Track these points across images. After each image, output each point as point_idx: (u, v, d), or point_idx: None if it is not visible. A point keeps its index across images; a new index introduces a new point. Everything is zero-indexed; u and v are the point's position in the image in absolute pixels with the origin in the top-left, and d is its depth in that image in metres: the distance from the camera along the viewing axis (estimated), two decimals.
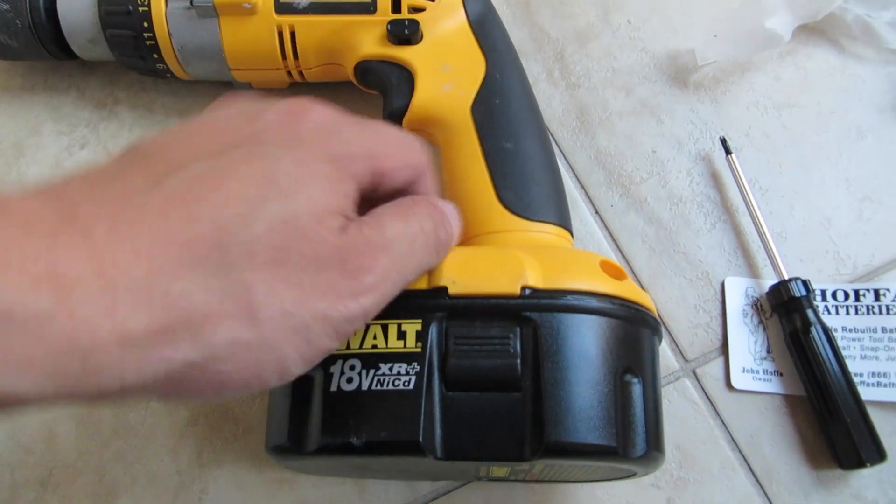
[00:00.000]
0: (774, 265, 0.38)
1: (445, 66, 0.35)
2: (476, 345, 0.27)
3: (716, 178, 0.41)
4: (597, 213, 0.41)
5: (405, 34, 0.35)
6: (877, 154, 0.41)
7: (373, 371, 0.26)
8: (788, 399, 0.37)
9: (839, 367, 0.35)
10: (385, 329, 0.27)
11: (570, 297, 0.27)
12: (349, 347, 0.27)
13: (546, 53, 0.44)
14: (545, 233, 0.32)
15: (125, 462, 0.36)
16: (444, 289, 0.27)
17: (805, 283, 0.37)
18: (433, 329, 0.27)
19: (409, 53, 0.36)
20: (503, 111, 0.34)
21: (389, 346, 0.27)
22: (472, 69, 0.35)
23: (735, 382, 0.37)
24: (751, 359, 0.38)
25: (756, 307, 0.38)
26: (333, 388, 0.27)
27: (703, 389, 0.37)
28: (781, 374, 0.37)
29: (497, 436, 0.26)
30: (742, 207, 0.40)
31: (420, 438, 0.25)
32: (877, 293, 0.38)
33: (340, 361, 0.27)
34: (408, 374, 0.26)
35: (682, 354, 0.38)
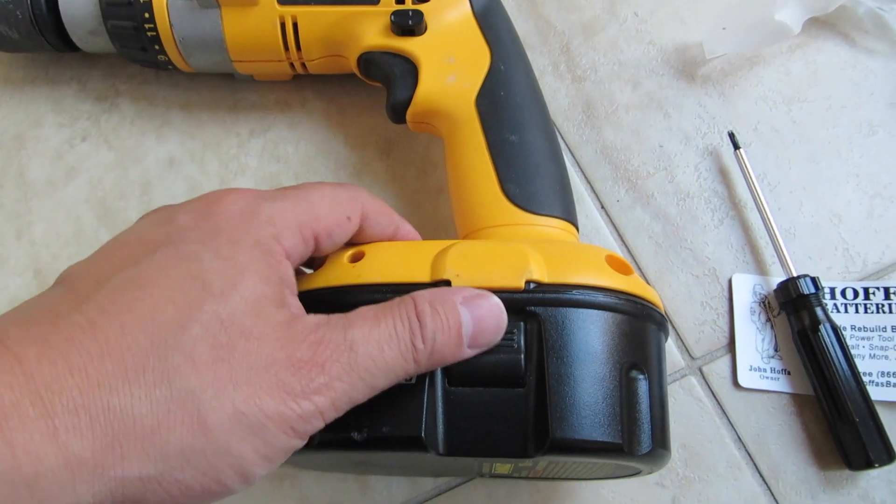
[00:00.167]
0: (783, 262, 0.37)
1: (450, 58, 0.35)
2: None
3: (723, 174, 0.40)
4: (603, 209, 0.40)
5: (409, 25, 0.35)
6: (888, 149, 0.41)
7: None
8: (796, 398, 0.36)
9: (848, 366, 0.35)
10: None
11: (576, 292, 0.27)
12: None
13: (552, 46, 0.43)
14: (550, 227, 0.32)
15: None
16: (448, 282, 0.27)
17: (814, 281, 0.36)
18: None
19: (413, 45, 0.35)
20: (508, 103, 0.34)
21: None
22: (477, 61, 0.35)
23: (742, 381, 0.37)
24: (758, 357, 0.37)
25: (764, 305, 0.38)
26: None
27: (710, 387, 0.37)
28: (789, 373, 0.37)
29: (500, 432, 0.26)
30: (750, 203, 0.39)
31: (422, 434, 0.25)
32: (887, 291, 0.37)
33: None
34: None
35: (689, 352, 0.38)
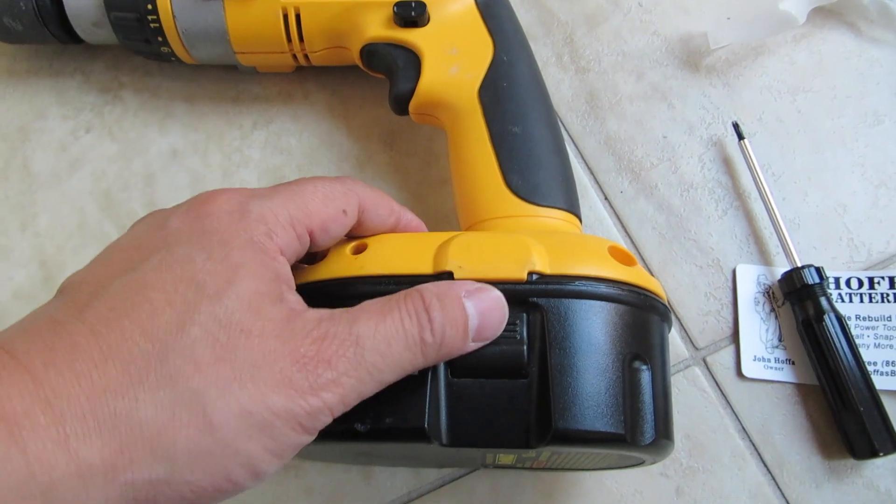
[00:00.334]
0: (787, 252, 0.37)
1: (452, 49, 0.35)
2: None
3: (728, 164, 0.40)
4: (606, 200, 0.40)
5: (412, 16, 0.35)
6: (893, 139, 0.40)
7: None
8: (800, 388, 0.36)
9: (853, 356, 0.35)
10: None
11: (578, 283, 0.27)
12: None
13: (555, 37, 0.43)
14: (553, 218, 0.32)
15: None
16: (450, 274, 0.27)
17: (818, 271, 0.36)
18: None
19: (416, 36, 0.35)
20: (511, 94, 0.34)
21: None
22: (480, 52, 0.35)
23: (746, 371, 0.37)
24: (762, 347, 0.37)
25: (768, 295, 0.38)
26: None
27: (714, 378, 0.37)
28: (793, 363, 0.37)
29: (503, 423, 0.26)
30: (754, 193, 0.39)
31: (425, 425, 0.25)
32: (892, 281, 0.37)
33: None
34: None
35: (693, 342, 0.38)
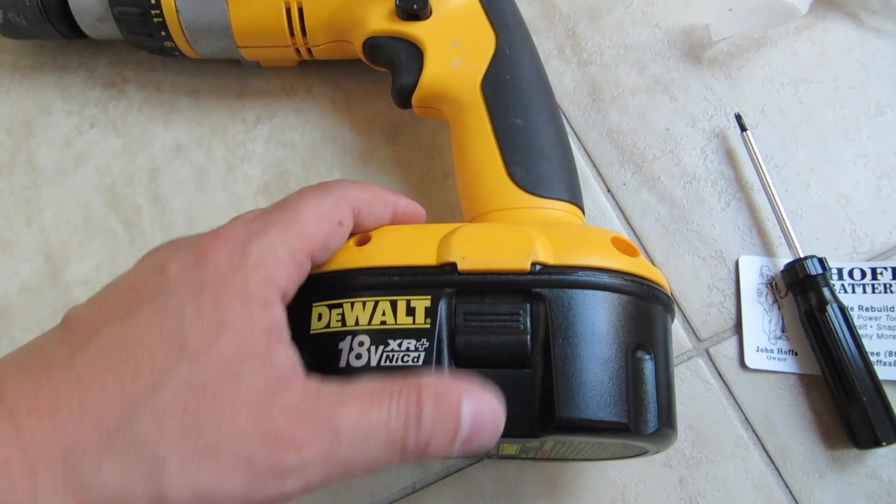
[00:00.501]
0: (790, 243, 0.37)
1: (455, 42, 0.35)
2: (486, 321, 0.26)
3: (730, 156, 0.40)
4: (609, 192, 0.40)
5: (414, 9, 0.35)
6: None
7: (382, 347, 0.26)
8: (803, 378, 0.37)
9: (855, 346, 0.35)
10: (394, 305, 0.27)
11: (582, 273, 0.27)
12: (358, 323, 0.27)
13: (557, 30, 0.43)
14: (556, 210, 0.32)
15: None
16: (454, 265, 0.27)
17: (821, 261, 0.36)
18: (442, 305, 0.26)
19: (418, 29, 0.35)
20: (513, 87, 0.34)
21: (398, 323, 0.26)
22: (482, 44, 0.35)
23: (749, 362, 0.37)
24: (765, 338, 0.37)
25: (771, 286, 0.38)
26: (342, 365, 0.26)
27: (717, 369, 0.37)
28: (796, 354, 0.37)
29: (507, 412, 0.26)
30: (757, 185, 0.39)
31: None
32: (895, 271, 0.37)
33: (349, 338, 0.27)
34: (417, 351, 0.26)
35: (696, 334, 0.38)
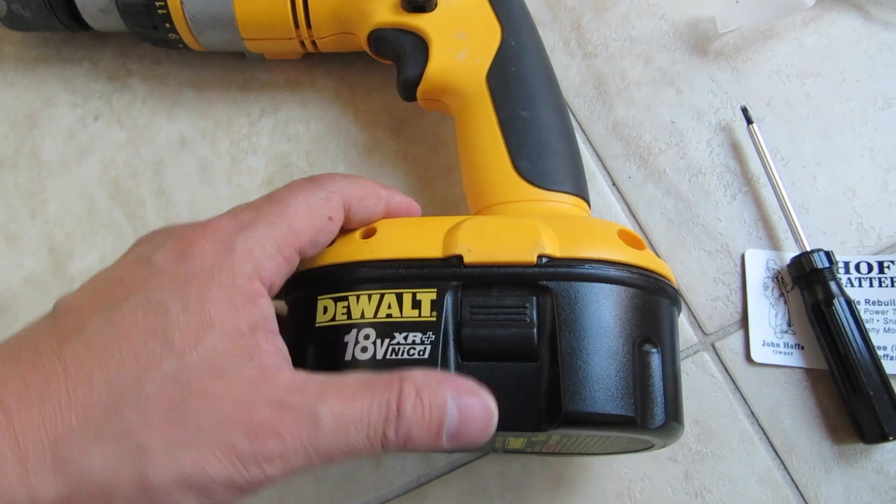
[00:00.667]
0: (796, 237, 0.37)
1: (460, 34, 0.35)
2: (492, 314, 0.26)
3: (736, 149, 0.40)
4: (614, 185, 0.40)
5: (419, 1, 0.34)
6: None
7: (387, 340, 0.26)
8: (809, 373, 0.36)
9: (862, 340, 0.35)
10: (400, 298, 0.27)
11: (588, 266, 0.27)
12: (363, 316, 0.27)
13: (562, 22, 0.43)
14: (562, 202, 0.32)
15: None
16: (460, 257, 0.27)
17: (828, 255, 0.36)
18: (448, 298, 0.26)
19: (424, 21, 0.35)
20: (519, 79, 0.34)
21: (404, 315, 0.26)
22: (488, 37, 0.34)
23: (755, 356, 0.37)
24: (771, 332, 0.37)
25: (777, 280, 0.38)
26: (348, 358, 0.26)
27: (723, 363, 0.37)
28: (803, 348, 0.37)
29: (513, 406, 0.26)
30: (763, 178, 0.39)
31: None
32: None
33: (355, 331, 0.27)
34: (423, 344, 0.26)
35: (701, 328, 0.38)
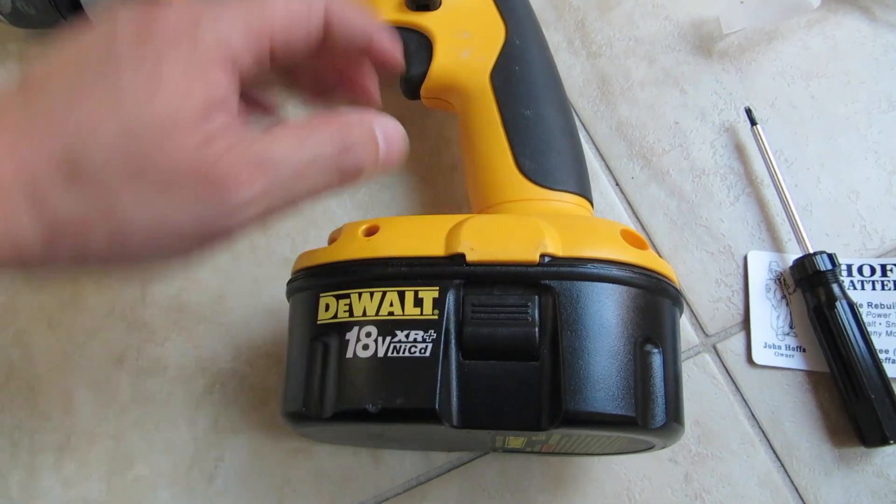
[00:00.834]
0: (799, 239, 0.37)
1: (464, 33, 0.35)
2: (493, 313, 0.26)
3: (740, 150, 0.40)
4: (617, 185, 0.40)
5: (423, 0, 0.34)
6: None
7: (389, 338, 0.26)
8: (811, 375, 0.36)
9: (864, 343, 0.35)
10: (402, 296, 0.27)
11: (590, 266, 0.27)
12: (365, 314, 0.27)
13: (567, 22, 0.43)
14: (565, 202, 0.32)
15: (142, 429, 0.36)
16: (462, 255, 0.27)
17: (831, 257, 0.36)
18: (450, 296, 0.26)
19: (428, 19, 0.35)
20: (523, 78, 0.33)
21: (406, 313, 0.26)
22: (492, 35, 0.34)
23: (756, 358, 0.37)
24: (773, 334, 0.37)
25: (779, 282, 0.38)
26: (349, 355, 0.26)
27: (724, 364, 0.37)
28: (804, 350, 0.37)
29: (514, 405, 0.26)
30: (767, 180, 0.39)
31: (436, 406, 0.25)
32: None
33: (356, 328, 0.27)
34: (424, 342, 0.26)
35: (703, 329, 0.38)
